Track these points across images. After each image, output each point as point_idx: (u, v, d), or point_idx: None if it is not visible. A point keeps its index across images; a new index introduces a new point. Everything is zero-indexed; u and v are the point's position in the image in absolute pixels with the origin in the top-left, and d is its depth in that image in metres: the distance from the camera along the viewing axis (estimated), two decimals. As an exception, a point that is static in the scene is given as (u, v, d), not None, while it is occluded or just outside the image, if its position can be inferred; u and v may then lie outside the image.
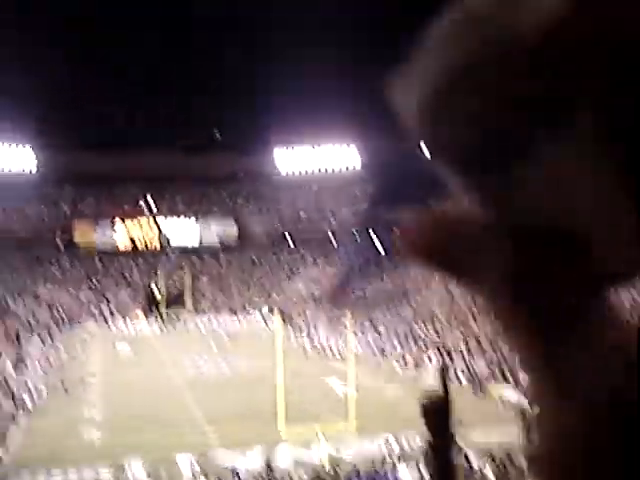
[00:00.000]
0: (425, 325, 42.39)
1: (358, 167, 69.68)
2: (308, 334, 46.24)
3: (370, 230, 62.71)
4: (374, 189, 67.92)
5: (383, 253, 61.27)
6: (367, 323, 45.61)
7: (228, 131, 72.73)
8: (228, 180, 68.96)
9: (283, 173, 71.09)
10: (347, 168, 70.01)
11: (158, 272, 58.92)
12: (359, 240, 63.78)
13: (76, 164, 64.42)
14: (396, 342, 40.71)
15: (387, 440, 21.53)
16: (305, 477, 19.43)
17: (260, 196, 69.80)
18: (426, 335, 40.46)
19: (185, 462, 20.32)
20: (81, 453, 21.72)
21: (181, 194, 68.53)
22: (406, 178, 63.46)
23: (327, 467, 19.88)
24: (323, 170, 70.19)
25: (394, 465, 19.63)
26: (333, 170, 70.13)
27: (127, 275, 62.96)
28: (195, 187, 68.24)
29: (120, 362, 39.29)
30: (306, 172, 70.45)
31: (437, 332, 40.41)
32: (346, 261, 62.25)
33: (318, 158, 70.41)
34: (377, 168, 68.09)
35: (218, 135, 73.73)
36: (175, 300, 57.31)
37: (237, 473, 19.22)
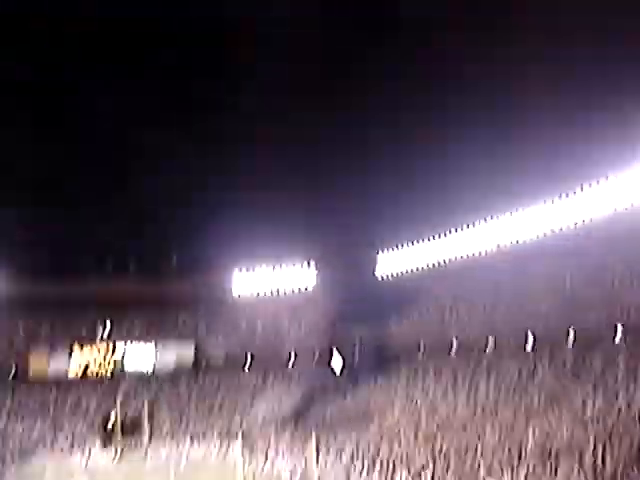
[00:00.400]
0: (391, 445, 41.59)
1: (317, 286, 69.92)
2: (270, 459, 45.02)
3: (331, 349, 62.47)
4: (334, 309, 68.08)
5: (345, 372, 60.87)
6: (331, 445, 44.65)
7: (185, 254, 72.96)
8: (186, 303, 68.64)
9: (242, 294, 71.01)
10: (306, 288, 70.21)
11: (115, 401, 57.45)
12: (320, 360, 63.35)
13: (29, 291, 63.84)
14: (362, 464, 39.81)
15: None
16: None
17: (219, 319, 69.30)
18: (393, 455, 39.64)
19: None
20: None
21: (139, 319, 67.78)
22: (365, 298, 64.00)
23: None
24: (282, 290, 70.34)
25: None
26: (292, 290, 70.31)
27: (83, 405, 61.14)
28: (153, 311, 67.62)
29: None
30: (265, 293, 70.55)
31: (404, 451, 39.64)
32: (308, 382, 61.57)
33: (277, 278, 70.70)
34: (336, 288, 68.48)
35: (174, 259, 73.88)
36: (133, 429, 55.59)
37: None
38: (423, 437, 41.08)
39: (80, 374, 63.48)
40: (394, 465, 37.35)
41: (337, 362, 61.69)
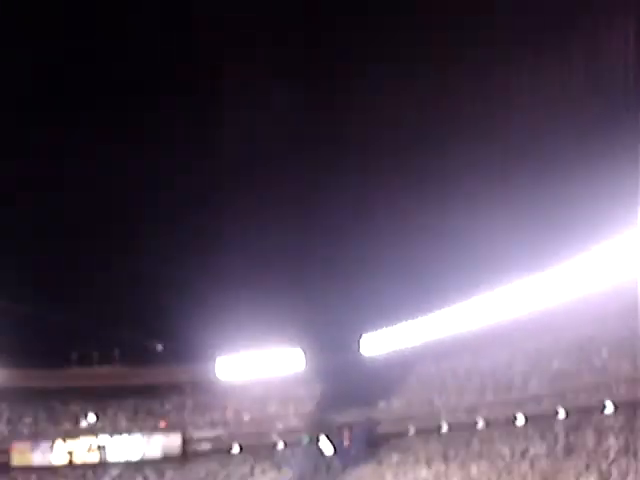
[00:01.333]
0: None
1: (304, 371, 69.33)
2: None
3: (319, 434, 61.66)
4: (321, 393, 67.55)
5: (335, 456, 60.04)
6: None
7: (169, 341, 72.46)
8: (172, 391, 68.05)
9: (228, 380, 70.22)
10: (293, 372, 69.59)
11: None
12: (308, 445, 62.47)
13: (13, 380, 63.38)
14: None
15: None
16: None
17: (205, 406, 68.51)
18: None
19: None
20: None
21: (124, 409, 67.03)
22: (352, 380, 63.63)
23: None
24: (268, 375, 69.67)
25: None
26: (279, 375, 69.65)
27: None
28: (138, 400, 67.02)
29: None
30: (251, 378, 69.82)
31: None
32: (296, 468, 60.67)
33: (262, 363, 70.15)
34: (323, 372, 68.03)
35: (160, 347, 73.38)
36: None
37: None
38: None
39: (63, 464, 62.41)
40: None
41: (326, 445, 60.92)
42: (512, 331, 51.58)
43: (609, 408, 39.99)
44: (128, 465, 63.15)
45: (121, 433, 64.49)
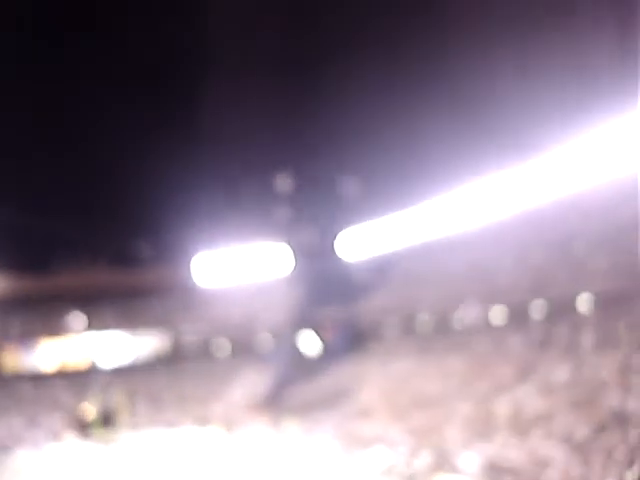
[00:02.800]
0: (366, 422, 42.26)
1: (285, 270, 69.97)
2: (248, 442, 45.47)
3: (302, 331, 62.75)
4: (303, 290, 68.30)
5: (318, 354, 61.31)
6: (308, 425, 45.23)
7: (152, 242, 72.57)
8: (157, 292, 68.59)
9: (211, 280, 71.03)
10: (275, 271, 70.28)
11: (90, 393, 57.64)
12: (291, 342, 63.62)
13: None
14: (338, 442, 40.40)
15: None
16: None
17: (190, 305, 69.36)
18: (369, 432, 40.30)
19: None
20: None
21: (109, 310, 67.67)
22: (333, 278, 64.24)
23: None
24: (251, 275, 70.42)
25: None
26: (261, 274, 70.40)
27: (58, 399, 61.11)
28: (123, 301, 67.54)
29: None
30: (234, 278, 70.60)
31: (379, 428, 40.31)
32: (279, 364, 61.93)
33: (244, 264, 70.73)
34: (304, 270, 68.57)
35: (144, 247, 73.58)
36: (109, 420, 55.71)
37: None
38: (397, 412, 41.80)
39: (54, 368, 63.46)
40: (371, 442, 38.02)
41: (309, 343, 62.08)
42: (494, 228, 52.17)
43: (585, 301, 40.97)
44: (118, 367, 64.35)
45: (110, 335, 65.50)
